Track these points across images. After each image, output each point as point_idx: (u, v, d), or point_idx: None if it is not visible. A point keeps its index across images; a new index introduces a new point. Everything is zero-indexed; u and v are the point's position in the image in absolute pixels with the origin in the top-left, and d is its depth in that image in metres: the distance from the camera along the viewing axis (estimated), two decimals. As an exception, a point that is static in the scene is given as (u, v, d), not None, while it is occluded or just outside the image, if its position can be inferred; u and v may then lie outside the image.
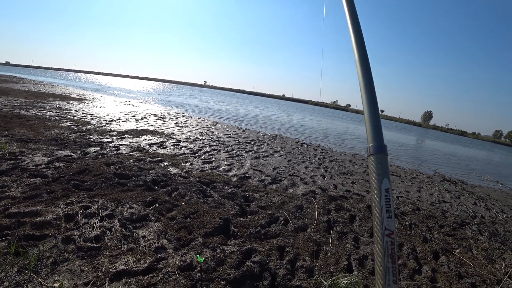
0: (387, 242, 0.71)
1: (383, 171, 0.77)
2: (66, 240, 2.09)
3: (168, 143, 6.01)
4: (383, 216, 0.73)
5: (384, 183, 0.76)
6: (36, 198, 2.64)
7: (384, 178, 0.77)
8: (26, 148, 4.06)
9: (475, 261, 2.82)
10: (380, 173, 0.77)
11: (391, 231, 0.71)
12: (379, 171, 0.77)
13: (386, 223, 0.72)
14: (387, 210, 0.73)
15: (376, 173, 0.77)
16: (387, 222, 0.72)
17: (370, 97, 0.88)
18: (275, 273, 2.05)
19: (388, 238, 0.71)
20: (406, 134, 31.41)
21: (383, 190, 0.75)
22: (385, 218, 0.72)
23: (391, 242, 0.71)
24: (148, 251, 2.10)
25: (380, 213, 0.73)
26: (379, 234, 0.72)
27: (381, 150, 0.80)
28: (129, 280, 1.78)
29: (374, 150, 0.80)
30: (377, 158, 0.79)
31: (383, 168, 0.78)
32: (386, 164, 0.78)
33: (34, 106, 8.57)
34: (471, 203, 5.30)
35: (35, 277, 1.70)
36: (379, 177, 0.76)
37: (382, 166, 0.78)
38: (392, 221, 0.72)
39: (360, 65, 0.95)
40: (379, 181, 0.76)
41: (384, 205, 0.74)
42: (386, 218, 0.72)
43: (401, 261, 2.53)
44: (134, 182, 3.35)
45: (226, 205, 3.15)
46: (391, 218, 0.72)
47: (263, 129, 11.83)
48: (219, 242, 2.35)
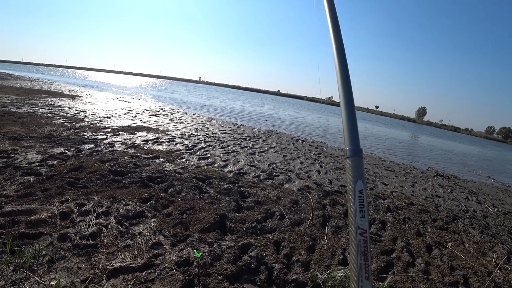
0: (360, 241, 0.75)
1: (358, 173, 0.81)
2: (62, 238, 2.08)
3: (163, 139, 5.98)
4: (356, 215, 0.77)
5: (358, 184, 0.80)
6: (31, 196, 2.61)
7: (358, 179, 0.80)
8: (18, 146, 4.01)
9: (467, 254, 2.88)
10: (355, 175, 0.81)
11: (364, 230, 0.75)
12: (354, 173, 0.81)
13: (360, 222, 0.76)
14: (361, 210, 0.77)
15: (352, 175, 0.81)
16: (360, 222, 0.76)
17: (348, 102, 0.92)
18: (272, 267, 2.08)
19: (361, 236, 0.75)
20: (400, 130, 31.69)
21: (357, 191, 0.79)
22: (358, 217, 0.76)
23: (364, 240, 0.75)
24: (145, 247, 2.11)
25: (355, 213, 0.77)
26: (353, 233, 0.76)
27: (357, 153, 0.84)
28: (127, 276, 1.79)
29: (350, 153, 0.84)
30: (352, 161, 0.83)
31: (358, 170, 0.81)
32: (361, 167, 0.82)
33: (26, 103, 8.44)
34: (463, 198, 5.40)
35: (32, 275, 1.70)
36: (353, 179, 0.80)
37: (357, 169, 0.82)
38: (366, 220, 0.76)
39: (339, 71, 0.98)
40: (353, 182, 0.80)
41: (358, 205, 0.78)
42: (360, 218, 0.76)
43: (395, 254, 2.57)
44: (129, 179, 3.34)
45: (222, 201, 3.16)
46: (364, 217, 0.76)
47: (259, 125, 11.83)
48: (215, 238, 2.36)
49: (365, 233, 0.75)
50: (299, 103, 65.18)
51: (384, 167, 6.97)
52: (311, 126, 15.35)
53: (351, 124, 0.89)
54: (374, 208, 3.68)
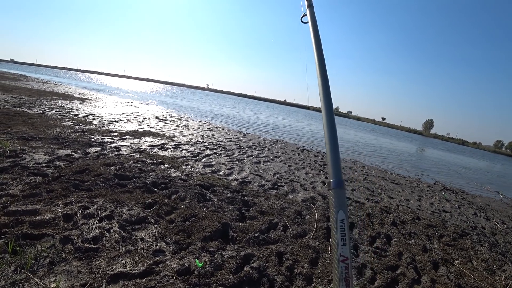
0: (341, 267, 0.78)
1: (340, 204, 0.85)
2: (64, 240, 2.08)
3: (169, 145, 6.01)
4: (338, 243, 0.81)
5: (339, 214, 0.84)
6: (36, 196, 2.63)
7: (340, 210, 0.84)
8: (27, 146, 4.06)
9: (475, 272, 2.79)
10: (337, 205, 0.84)
11: (346, 257, 0.79)
12: (336, 204, 0.85)
13: (341, 250, 0.80)
14: (342, 239, 0.81)
15: (334, 205, 0.85)
16: (341, 249, 0.80)
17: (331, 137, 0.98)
18: (273, 279, 2.04)
19: (342, 263, 0.79)
20: (407, 142, 31.39)
21: (338, 220, 0.83)
22: (340, 245, 0.80)
23: (345, 267, 0.78)
24: (146, 253, 2.09)
25: (337, 241, 0.81)
26: (335, 260, 0.80)
27: (339, 185, 0.87)
28: (126, 282, 1.77)
29: (333, 185, 0.88)
30: (335, 192, 0.87)
31: (340, 201, 0.86)
32: (343, 198, 0.86)
33: (36, 104, 8.60)
34: (471, 213, 5.28)
35: (32, 277, 1.69)
36: (336, 209, 0.84)
37: (339, 200, 0.86)
38: (346, 248, 0.80)
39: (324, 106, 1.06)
40: (336, 212, 0.84)
41: (339, 234, 0.81)
42: (341, 246, 0.80)
43: (400, 271, 2.51)
44: (134, 184, 3.34)
45: (225, 210, 3.14)
46: (345, 245, 0.80)
47: (264, 134, 11.83)
48: (217, 247, 2.34)
49: (346, 260, 0.79)
50: (305, 112, 65.19)
51: (390, 180, 6.88)
52: (317, 136, 15.30)
53: (334, 157, 0.94)
54: (379, 222, 3.62)
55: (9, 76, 22.51)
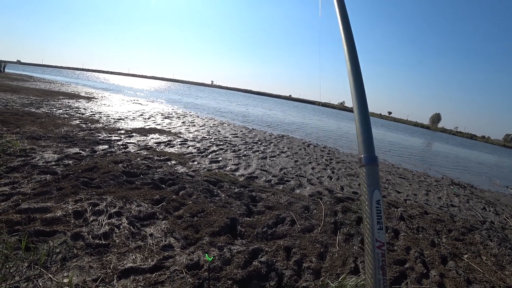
0: (378, 254, 0.71)
1: (374, 182, 0.77)
2: (75, 237, 2.12)
3: (175, 142, 6.05)
4: (374, 227, 0.72)
5: (375, 194, 0.75)
6: (46, 194, 2.68)
7: (375, 189, 0.76)
8: (36, 145, 4.13)
9: (484, 267, 2.77)
10: (371, 184, 0.76)
11: (382, 242, 0.71)
12: (370, 182, 0.77)
13: (377, 234, 0.72)
14: (378, 222, 0.73)
15: (367, 184, 0.77)
16: (378, 234, 0.72)
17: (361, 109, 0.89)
18: (282, 273, 2.05)
19: (379, 250, 0.71)
20: (414, 136, 31.06)
21: (374, 201, 0.75)
22: (376, 229, 0.72)
23: (382, 254, 0.71)
24: (156, 249, 2.12)
25: (371, 225, 0.73)
26: (370, 246, 0.72)
27: (373, 161, 0.79)
28: (137, 277, 1.80)
29: (365, 161, 0.80)
30: (368, 169, 0.78)
31: (374, 179, 0.77)
32: (377, 175, 0.78)
33: (44, 104, 8.71)
34: (480, 208, 5.22)
35: (45, 272, 1.73)
36: (370, 188, 0.76)
37: (373, 177, 0.77)
38: (383, 232, 0.72)
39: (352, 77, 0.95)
40: (370, 192, 0.76)
41: (375, 216, 0.73)
42: (377, 230, 0.72)
43: (409, 265, 2.50)
44: (142, 180, 3.38)
45: (233, 205, 3.15)
46: (382, 229, 0.72)
47: (270, 129, 11.82)
48: (226, 242, 2.36)
49: (382, 246, 0.71)
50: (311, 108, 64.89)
51: (397, 175, 6.83)
52: (323, 131, 15.23)
53: (366, 131, 0.86)
54: (387, 216, 3.60)
55: (16, 77, 22.80)
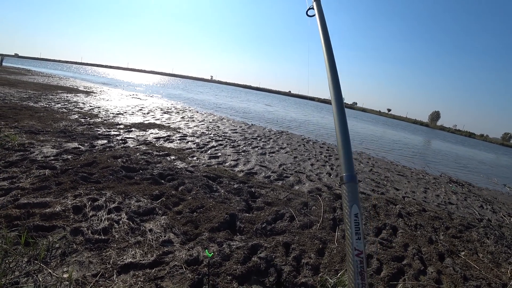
0: (356, 261, 0.79)
1: (353, 198, 0.86)
2: (74, 232, 2.12)
3: (174, 137, 6.04)
4: (353, 238, 0.81)
5: (353, 208, 0.84)
6: (45, 189, 2.67)
7: (353, 204, 0.85)
8: (35, 139, 4.11)
9: (481, 264, 2.79)
10: (350, 200, 0.86)
11: (360, 251, 0.80)
12: (349, 198, 0.86)
13: (356, 244, 0.80)
14: (356, 233, 0.82)
15: (347, 200, 0.86)
16: (356, 243, 0.80)
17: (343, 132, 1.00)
18: (281, 269, 2.06)
19: (357, 257, 0.79)
20: (413, 134, 31.12)
21: (352, 215, 0.84)
22: (354, 240, 0.81)
23: (360, 261, 0.79)
24: (155, 244, 2.13)
25: (351, 235, 0.82)
26: (350, 254, 0.80)
27: (352, 179, 0.88)
28: (137, 272, 1.80)
29: (346, 179, 0.89)
30: (348, 186, 0.88)
31: (353, 195, 0.86)
32: (356, 192, 0.87)
33: (42, 98, 8.66)
34: (477, 206, 5.25)
35: (45, 267, 1.73)
36: (349, 204, 0.85)
37: (353, 194, 0.86)
38: (361, 242, 0.81)
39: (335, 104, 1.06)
40: (349, 207, 0.85)
41: (353, 228, 0.82)
42: (356, 240, 0.81)
43: (406, 261, 2.52)
44: (141, 176, 3.38)
45: (232, 201, 3.16)
46: (360, 239, 0.81)
47: (269, 125, 11.81)
48: (225, 237, 2.37)
49: (361, 254, 0.80)
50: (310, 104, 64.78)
51: (396, 172, 6.85)
52: (322, 127, 15.23)
53: (347, 152, 0.96)
54: (386, 213, 3.62)
55: (14, 70, 22.64)
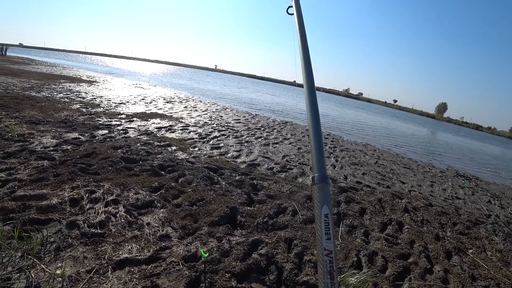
0: (326, 261, 0.81)
1: (324, 198, 0.86)
2: (70, 225, 2.06)
3: (176, 127, 5.96)
4: (322, 238, 0.82)
5: (324, 209, 0.84)
6: (43, 181, 2.62)
7: (324, 204, 0.85)
8: (35, 130, 4.05)
9: (489, 263, 2.70)
10: (321, 200, 0.85)
11: (330, 251, 0.81)
12: (320, 198, 0.86)
13: (325, 244, 0.82)
14: (326, 233, 0.83)
15: (318, 200, 0.86)
16: (326, 243, 0.82)
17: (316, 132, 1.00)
18: (282, 267, 1.99)
19: (327, 257, 0.81)
20: (419, 125, 30.72)
21: (323, 215, 0.83)
22: (324, 240, 0.82)
23: (330, 260, 0.81)
24: (152, 239, 2.06)
25: (321, 235, 0.83)
26: (320, 254, 0.82)
27: (323, 179, 0.89)
28: (132, 269, 1.74)
29: (317, 180, 0.89)
30: (319, 187, 0.88)
31: (325, 195, 0.87)
32: (328, 192, 0.88)
33: (45, 88, 8.60)
34: (485, 201, 5.12)
35: (38, 262, 1.68)
36: (320, 204, 0.85)
37: (324, 194, 0.87)
38: (331, 242, 0.82)
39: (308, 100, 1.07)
40: (320, 207, 0.85)
41: (323, 228, 0.83)
42: (325, 240, 0.82)
43: (412, 259, 2.43)
44: (141, 167, 3.31)
45: (233, 193, 3.09)
46: (329, 239, 0.82)
47: (273, 115, 11.67)
48: (225, 232, 2.30)
49: (330, 254, 0.81)
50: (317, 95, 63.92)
51: (401, 164, 6.72)
52: (327, 118, 15.04)
53: (319, 152, 0.95)
54: (391, 208, 3.53)
55: (18, 60, 22.56)
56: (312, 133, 1.00)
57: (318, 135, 0.99)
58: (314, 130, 1.00)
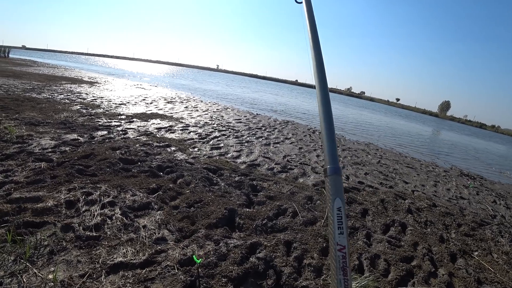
0: (339, 256, 0.78)
1: (337, 191, 0.84)
2: (65, 228, 2.03)
3: (176, 127, 5.92)
4: (335, 232, 0.79)
5: (336, 202, 0.83)
6: (39, 183, 2.58)
7: (336, 197, 0.83)
8: (34, 131, 4.03)
9: (496, 265, 2.62)
10: (334, 193, 0.84)
11: (343, 246, 0.78)
12: (333, 191, 0.84)
13: (338, 239, 0.79)
14: (339, 227, 0.80)
15: (331, 193, 0.84)
16: (338, 238, 0.79)
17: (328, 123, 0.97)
18: (281, 271, 1.94)
19: (340, 252, 0.78)
20: (422, 124, 30.50)
21: (335, 208, 0.82)
22: (337, 234, 0.79)
23: (343, 256, 0.78)
24: (148, 242, 2.02)
25: (333, 230, 0.80)
26: (333, 249, 0.79)
27: (336, 171, 0.87)
28: (126, 273, 1.70)
29: (330, 172, 0.87)
30: (331, 179, 0.86)
31: (337, 188, 0.85)
32: (340, 185, 0.86)
33: (46, 89, 8.60)
34: (490, 201, 5.02)
35: (30, 267, 1.64)
36: (332, 197, 0.83)
37: (336, 187, 0.85)
38: (344, 237, 0.79)
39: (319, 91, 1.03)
40: (332, 200, 0.83)
41: (336, 222, 0.81)
42: (338, 235, 0.79)
43: (416, 262, 2.37)
44: (139, 168, 3.27)
45: (232, 194, 3.04)
46: (342, 234, 0.79)
47: (275, 114, 11.61)
48: (223, 235, 2.24)
49: (343, 249, 0.78)
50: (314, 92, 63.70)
51: (404, 164, 6.64)
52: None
53: (331, 143, 0.93)
54: (394, 209, 3.46)
55: (20, 62, 22.66)
56: (323, 124, 0.97)
57: (330, 125, 0.97)
58: (326, 119, 0.97)
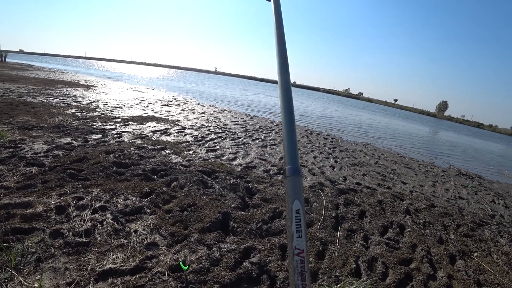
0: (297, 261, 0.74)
1: (296, 193, 0.79)
2: (54, 234, 1.97)
3: (172, 130, 5.87)
4: (293, 236, 0.75)
5: (295, 204, 0.78)
6: (30, 188, 2.53)
7: (295, 199, 0.78)
8: (27, 135, 3.97)
9: (496, 267, 2.57)
10: (292, 195, 0.79)
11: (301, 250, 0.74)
12: (291, 193, 0.79)
13: (296, 242, 0.75)
14: (297, 230, 0.76)
15: (289, 194, 0.80)
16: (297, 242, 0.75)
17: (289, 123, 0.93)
18: (275, 276, 1.89)
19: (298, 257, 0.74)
20: (420, 124, 30.54)
21: (293, 211, 0.77)
22: (295, 238, 0.75)
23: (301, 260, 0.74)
24: (139, 247, 1.97)
25: (292, 233, 0.76)
26: (291, 253, 0.75)
27: (295, 172, 0.82)
28: (115, 280, 1.64)
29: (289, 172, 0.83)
30: (290, 180, 0.82)
31: (296, 190, 0.80)
32: (299, 186, 0.81)
33: (41, 93, 8.54)
34: (489, 200, 4.99)
35: (16, 275, 1.58)
36: (291, 199, 0.78)
37: (295, 188, 0.80)
38: (302, 240, 0.75)
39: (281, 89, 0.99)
40: (291, 202, 0.78)
41: (294, 225, 0.76)
42: (296, 238, 0.75)
43: (414, 265, 2.32)
44: (132, 171, 3.22)
45: (227, 197, 2.99)
46: (301, 237, 0.75)
47: (272, 116, 11.57)
48: (216, 239, 2.19)
49: (302, 253, 0.74)
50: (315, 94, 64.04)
51: (403, 164, 6.60)
52: (329, 119, 14.93)
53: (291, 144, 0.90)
54: (392, 210, 3.41)
55: (17, 66, 22.54)
56: (284, 122, 0.93)
57: (291, 124, 0.93)
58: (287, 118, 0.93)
